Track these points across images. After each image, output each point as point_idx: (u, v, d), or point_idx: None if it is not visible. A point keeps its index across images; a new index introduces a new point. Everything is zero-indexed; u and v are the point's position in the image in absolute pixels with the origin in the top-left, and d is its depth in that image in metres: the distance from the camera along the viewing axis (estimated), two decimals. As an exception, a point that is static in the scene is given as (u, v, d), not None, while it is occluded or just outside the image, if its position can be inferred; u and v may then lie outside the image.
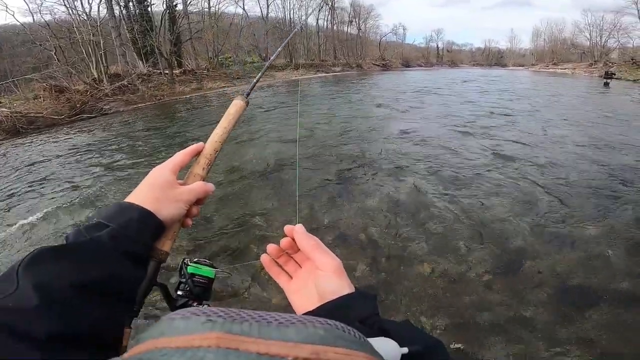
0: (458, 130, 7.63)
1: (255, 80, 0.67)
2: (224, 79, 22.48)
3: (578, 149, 6.00)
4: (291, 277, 0.48)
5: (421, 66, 51.38)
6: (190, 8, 25.45)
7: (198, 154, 0.55)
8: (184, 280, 0.62)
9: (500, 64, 58.88)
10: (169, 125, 10.06)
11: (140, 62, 21.42)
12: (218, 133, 0.57)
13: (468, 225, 3.49)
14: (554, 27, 49.99)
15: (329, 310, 0.38)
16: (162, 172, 0.50)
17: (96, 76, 17.16)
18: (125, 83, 16.65)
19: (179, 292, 0.62)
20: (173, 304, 0.58)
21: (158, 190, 0.48)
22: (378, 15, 49.23)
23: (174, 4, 23.74)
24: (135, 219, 0.44)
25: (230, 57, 28.44)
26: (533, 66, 47.77)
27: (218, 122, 0.56)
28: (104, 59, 18.07)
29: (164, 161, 0.52)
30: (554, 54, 46.71)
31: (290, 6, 36.37)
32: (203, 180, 0.55)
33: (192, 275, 0.62)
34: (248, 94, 0.62)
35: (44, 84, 13.72)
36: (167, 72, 20.38)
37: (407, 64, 49.29)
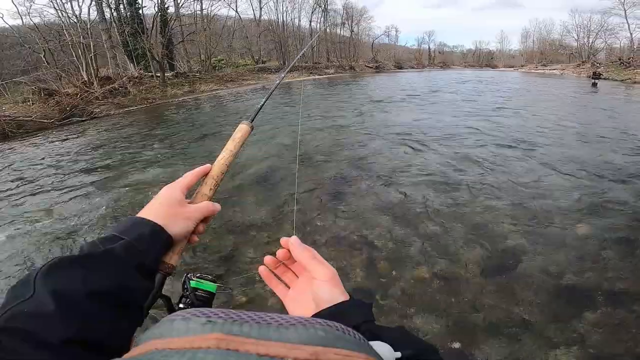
0: (454, 132, 7.69)
1: (259, 106, 0.70)
2: (216, 82, 22.38)
3: (570, 150, 6.09)
4: (288, 287, 0.50)
5: (413, 68, 51.74)
6: (182, 10, 25.33)
7: (205, 175, 0.59)
8: (186, 293, 0.65)
9: (491, 66, 59.56)
10: (160, 129, 9.96)
11: (132, 65, 21.23)
12: (224, 156, 0.60)
13: (462, 227, 3.51)
14: (542, 28, 50.96)
15: (324, 317, 0.35)
16: (173, 191, 0.53)
17: (86, 79, 16.95)
18: (116, 86, 16.48)
19: (181, 305, 0.64)
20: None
21: (169, 207, 0.51)
22: (370, 18, 49.55)
23: (166, 6, 23.61)
24: (148, 233, 0.47)
25: (222, 60, 28.35)
26: (522, 67, 48.46)
27: (220, 142, 0.61)
28: (94, 61, 17.86)
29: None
30: (543, 55, 47.45)
31: (283, 9, 36.39)
32: (210, 200, 0.57)
33: (195, 289, 0.64)
34: (253, 119, 0.65)
35: (33, 87, 13.51)
36: (158, 74, 20.23)
37: (399, 66, 49.60)
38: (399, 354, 0.32)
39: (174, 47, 24.12)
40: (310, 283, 0.45)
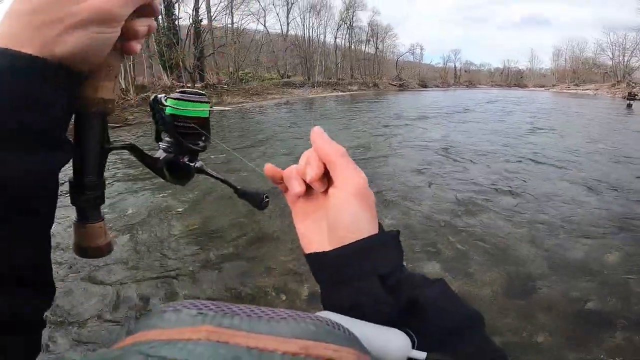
0: (483, 150, 7.57)
1: None
2: (242, 95, 23.11)
3: (602, 173, 5.85)
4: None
5: (438, 87, 51.33)
6: (214, 23, 26.57)
7: None
8: (162, 127, 0.45)
9: (520, 85, 58.21)
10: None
11: (165, 75, 22.31)
12: None
13: (483, 248, 3.43)
14: (575, 46, 49.37)
15: (340, 257, 0.30)
16: None
17: (124, 87, 17.96)
18: (150, 94, 17.35)
19: (162, 145, 0.46)
20: (153, 164, 0.45)
21: (36, 13, 0.28)
22: (395, 35, 49.89)
23: (200, 18, 24.86)
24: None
25: (249, 73, 29.32)
26: (554, 87, 47.08)
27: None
28: (132, 69, 18.92)
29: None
30: (576, 74, 45.93)
31: (309, 24, 37.43)
32: None
33: (174, 118, 0.44)
34: None
35: (75, 93, 14.45)
36: (189, 85, 21.16)
37: (424, 84, 49.33)
38: (422, 356, 0.24)
39: (205, 58, 25.19)
40: (328, 196, 0.32)
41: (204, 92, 0.46)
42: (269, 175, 0.36)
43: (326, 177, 0.33)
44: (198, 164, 0.46)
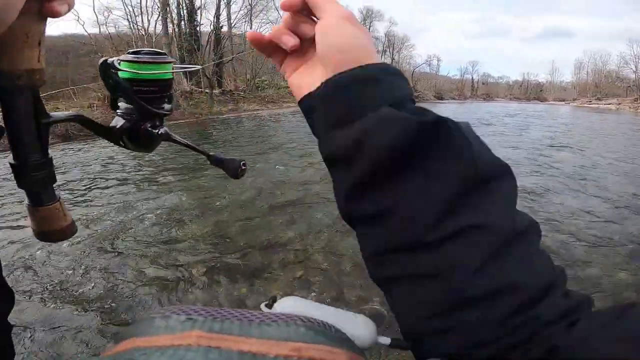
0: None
1: None
2: (258, 102, 23.44)
3: (620, 190, 5.66)
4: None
5: (454, 99, 50.67)
6: (233, 30, 27.21)
7: None
8: (119, 93, 0.42)
9: (540, 99, 56.86)
10: (205, 142, 10.59)
11: (185, 80, 22.87)
12: None
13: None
14: (598, 59, 48.08)
15: (340, 86, 0.26)
16: None
17: (144, 90, 18.49)
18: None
19: (119, 113, 0.43)
20: (108, 133, 0.42)
21: None
22: (412, 46, 49.85)
23: (220, 25, 25.50)
24: None
25: (266, 81, 29.77)
26: (575, 101, 45.93)
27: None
28: (153, 75, 19.50)
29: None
30: (598, 87, 44.71)
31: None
32: None
33: (130, 82, 0.40)
34: None
35: (99, 93, 14.98)
36: (207, 91, 21.61)
37: (440, 97, 48.79)
38: (386, 340, 0.21)
39: (224, 65, 25.72)
40: (315, 32, 0.29)
41: (164, 52, 0.43)
42: (253, 40, 0.33)
43: (311, 21, 0.30)
44: (162, 130, 0.43)
